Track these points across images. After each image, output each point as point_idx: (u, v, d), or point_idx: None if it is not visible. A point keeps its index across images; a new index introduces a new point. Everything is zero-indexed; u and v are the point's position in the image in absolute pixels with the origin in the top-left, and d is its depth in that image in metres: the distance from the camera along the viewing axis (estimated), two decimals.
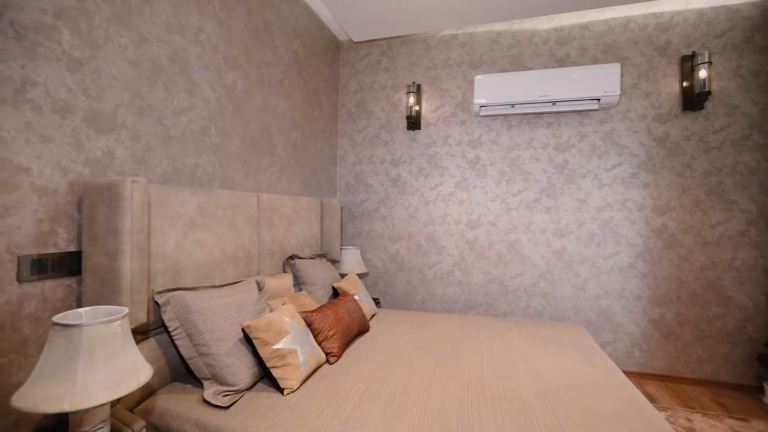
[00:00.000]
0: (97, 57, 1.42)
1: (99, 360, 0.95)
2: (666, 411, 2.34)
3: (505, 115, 3.09)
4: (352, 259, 3.14)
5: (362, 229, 3.47)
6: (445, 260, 3.23)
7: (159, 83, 1.68)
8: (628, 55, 2.86)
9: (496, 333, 2.27)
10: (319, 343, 1.78)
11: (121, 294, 1.32)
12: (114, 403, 1.31)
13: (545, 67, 3.02)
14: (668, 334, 2.78)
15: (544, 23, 3.03)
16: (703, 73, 2.60)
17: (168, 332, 1.47)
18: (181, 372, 1.59)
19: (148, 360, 1.47)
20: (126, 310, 1.08)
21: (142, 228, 1.37)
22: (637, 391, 1.58)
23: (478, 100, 2.96)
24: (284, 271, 2.45)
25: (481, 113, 3.01)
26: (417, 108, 3.29)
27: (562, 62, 2.99)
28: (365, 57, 3.48)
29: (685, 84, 2.73)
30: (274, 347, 1.47)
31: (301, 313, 1.82)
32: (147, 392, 1.44)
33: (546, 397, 1.52)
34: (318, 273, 2.50)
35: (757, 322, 2.63)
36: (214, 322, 1.45)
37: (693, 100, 2.68)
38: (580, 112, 2.92)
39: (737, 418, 2.27)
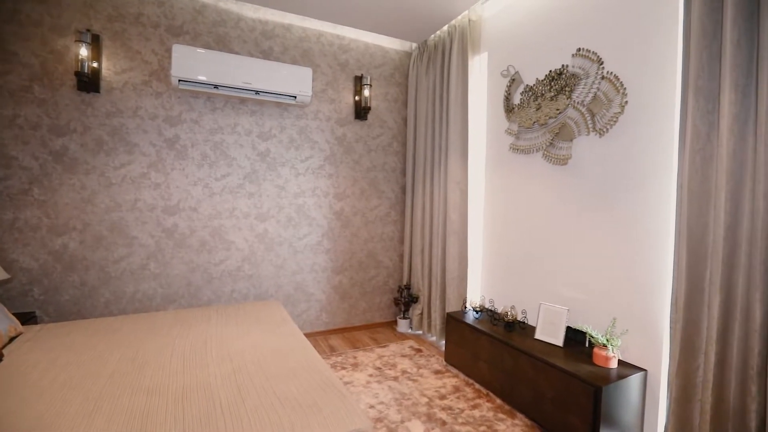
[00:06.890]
0: None
1: None
2: (341, 356, 3.00)
3: (208, 95, 2.94)
4: None
5: (1, 219, 2.48)
6: (137, 252, 2.79)
7: None
8: (319, 63, 3.34)
9: (193, 324, 2.20)
10: None
11: None
12: None
13: (251, 55, 3.08)
14: (344, 295, 3.55)
15: (250, 12, 3.07)
16: (366, 92, 3.39)
17: None
18: None
19: None
20: None
21: None
22: (312, 349, 1.93)
23: (177, 73, 2.68)
24: None
25: (181, 87, 2.75)
26: (95, 65, 2.62)
27: (267, 55, 3.14)
28: None
29: (357, 98, 3.48)
30: None
31: None
32: None
33: (233, 375, 1.62)
34: None
35: (394, 277, 3.78)
36: None
37: (361, 111, 3.46)
38: (280, 104, 3.18)
39: (382, 346, 3.21)
